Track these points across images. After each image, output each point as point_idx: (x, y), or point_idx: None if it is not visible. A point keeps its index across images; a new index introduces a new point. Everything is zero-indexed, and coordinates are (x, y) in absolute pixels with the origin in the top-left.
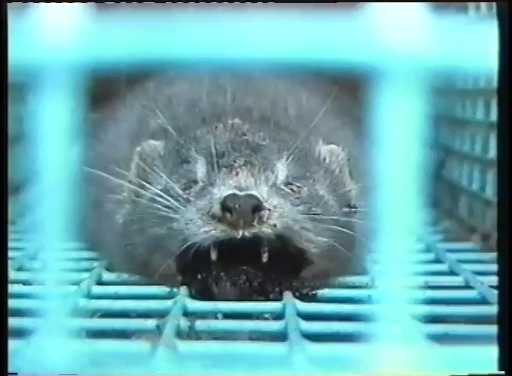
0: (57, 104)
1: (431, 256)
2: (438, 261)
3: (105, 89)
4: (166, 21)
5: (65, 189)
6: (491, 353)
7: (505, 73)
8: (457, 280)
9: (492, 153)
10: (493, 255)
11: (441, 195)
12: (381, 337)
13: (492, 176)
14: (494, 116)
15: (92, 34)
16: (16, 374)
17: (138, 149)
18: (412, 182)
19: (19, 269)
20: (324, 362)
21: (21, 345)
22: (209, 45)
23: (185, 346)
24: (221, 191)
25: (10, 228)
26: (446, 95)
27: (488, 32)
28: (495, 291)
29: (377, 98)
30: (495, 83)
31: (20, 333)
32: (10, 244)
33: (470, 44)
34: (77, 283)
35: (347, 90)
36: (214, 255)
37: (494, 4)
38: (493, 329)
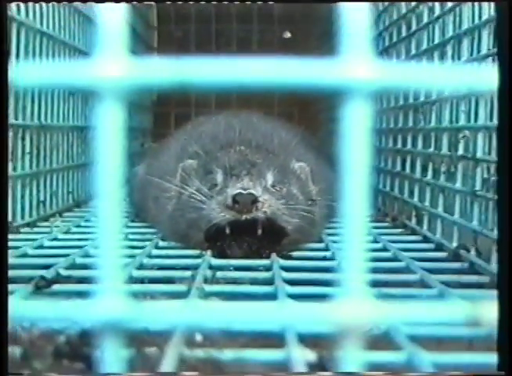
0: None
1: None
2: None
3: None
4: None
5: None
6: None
7: (505, 73)
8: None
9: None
10: (401, 231)
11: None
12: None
13: (397, 179)
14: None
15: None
16: (16, 374)
17: (181, 165)
18: (356, 182)
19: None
20: (298, 298)
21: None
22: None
23: (209, 288)
24: (232, 191)
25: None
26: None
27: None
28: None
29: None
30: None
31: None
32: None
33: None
34: (142, 247)
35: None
36: (227, 230)
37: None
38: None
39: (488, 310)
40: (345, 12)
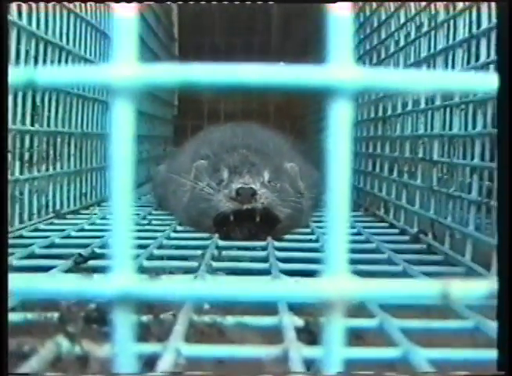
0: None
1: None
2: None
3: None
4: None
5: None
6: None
7: (505, 73)
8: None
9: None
10: (372, 219)
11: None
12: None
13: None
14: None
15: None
16: (16, 374)
17: (195, 164)
18: (339, 179)
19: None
20: (289, 273)
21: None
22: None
23: (216, 264)
24: (236, 185)
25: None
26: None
27: None
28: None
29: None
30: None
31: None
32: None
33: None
34: (162, 231)
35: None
36: (231, 218)
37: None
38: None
39: (453, 286)
40: (331, 20)
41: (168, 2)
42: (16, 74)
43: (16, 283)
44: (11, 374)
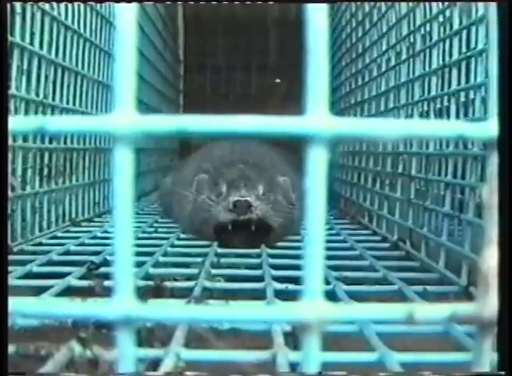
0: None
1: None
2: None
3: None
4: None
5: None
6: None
7: (505, 73)
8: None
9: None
10: (357, 226)
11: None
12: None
13: (355, 188)
14: None
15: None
16: (16, 373)
17: (196, 178)
18: (315, 215)
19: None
20: (279, 279)
21: None
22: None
23: (215, 271)
24: (233, 198)
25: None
26: None
27: None
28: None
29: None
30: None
31: None
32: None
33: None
34: (166, 238)
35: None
36: (229, 227)
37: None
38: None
39: (417, 309)
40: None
41: (170, 4)
42: (28, 122)
43: (26, 307)
44: (11, 374)
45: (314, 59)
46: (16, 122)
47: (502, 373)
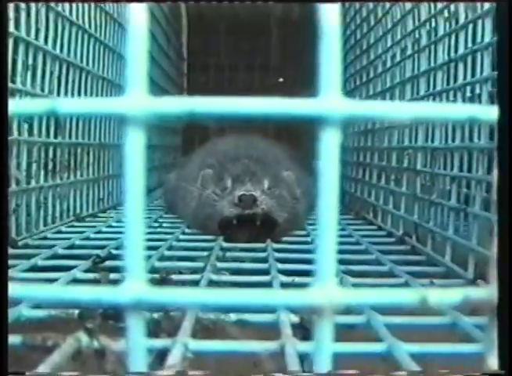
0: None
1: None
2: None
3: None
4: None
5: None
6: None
7: (505, 73)
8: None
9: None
10: (362, 222)
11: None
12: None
13: (359, 184)
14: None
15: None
16: (16, 373)
17: (201, 173)
18: (328, 200)
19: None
20: (285, 272)
21: None
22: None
23: (221, 265)
24: (238, 192)
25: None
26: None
27: None
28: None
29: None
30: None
31: None
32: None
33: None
34: (172, 233)
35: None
36: (235, 221)
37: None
38: None
39: (431, 294)
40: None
41: (171, 3)
42: (39, 104)
43: (39, 292)
44: (11, 374)
45: (326, 41)
46: (27, 105)
47: (503, 372)
